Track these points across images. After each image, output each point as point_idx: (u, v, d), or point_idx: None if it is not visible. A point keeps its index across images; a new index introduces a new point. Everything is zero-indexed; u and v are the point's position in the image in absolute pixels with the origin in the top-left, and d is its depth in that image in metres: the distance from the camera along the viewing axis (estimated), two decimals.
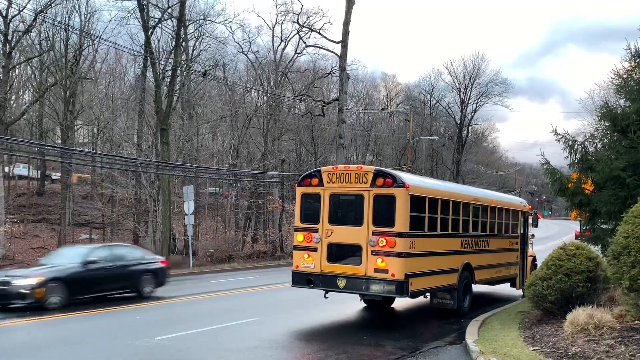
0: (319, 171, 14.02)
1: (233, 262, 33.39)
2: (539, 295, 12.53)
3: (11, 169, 42.56)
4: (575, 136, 15.35)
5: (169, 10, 35.81)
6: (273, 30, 47.36)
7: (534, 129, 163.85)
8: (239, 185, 39.90)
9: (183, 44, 38.43)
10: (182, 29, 36.37)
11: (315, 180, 13.85)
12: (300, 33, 44.28)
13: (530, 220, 20.78)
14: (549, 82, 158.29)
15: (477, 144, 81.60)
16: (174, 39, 35.23)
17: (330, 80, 51.54)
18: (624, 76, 14.31)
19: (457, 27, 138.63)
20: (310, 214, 13.83)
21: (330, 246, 13.43)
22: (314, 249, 13.54)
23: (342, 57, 34.72)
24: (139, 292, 18.24)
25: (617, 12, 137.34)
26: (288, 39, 46.87)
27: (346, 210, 13.63)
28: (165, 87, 34.08)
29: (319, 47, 43.49)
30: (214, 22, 45.33)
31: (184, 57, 39.13)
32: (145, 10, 33.04)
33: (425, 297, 15.29)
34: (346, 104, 36.54)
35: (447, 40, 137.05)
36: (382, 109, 65.98)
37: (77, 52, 38.42)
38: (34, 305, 15.28)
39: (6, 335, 12.29)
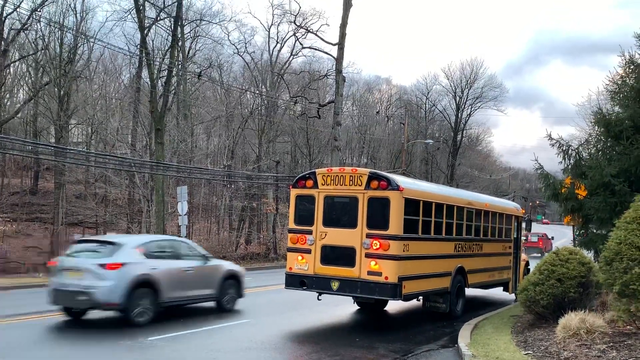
0: (314, 173, 14.03)
1: None
2: (532, 300, 12.57)
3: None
4: (569, 141, 15.42)
5: (166, 10, 35.70)
6: (269, 32, 47.22)
7: (522, 135, 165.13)
8: (233, 186, 39.80)
9: (180, 43, 38.34)
10: (179, 28, 36.27)
11: (309, 182, 13.86)
12: (296, 34, 44.19)
13: (523, 225, 20.86)
14: (533, 91, 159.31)
15: (472, 148, 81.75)
16: (170, 39, 35.15)
17: (326, 82, 51.48)
18: (619, 82, 14.41)
19: (450, 33, 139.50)
20: (304, 216, 13.84)
21: (324, 248, 13.44)
22: (308, 251, 13.55)
23: (339, 59, 34.74)
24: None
25: (595, 29, 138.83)
26: (284, 41, 46.74)
27: (340, 213, 13.62)
28: (160, 87, 33.96)
29: (315, 49, 43.43)
30: (210, 22, 44.97)
31: (180, 56, 39.04)
32: (142, 9, 32.91)
33: (418, 300, 15.32)
34: (342, 107, 36.57)
35: (440, 45, 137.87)
36: (377, 112, 66.00)
37: (72, 51, 38.29)
38: None
39: None
